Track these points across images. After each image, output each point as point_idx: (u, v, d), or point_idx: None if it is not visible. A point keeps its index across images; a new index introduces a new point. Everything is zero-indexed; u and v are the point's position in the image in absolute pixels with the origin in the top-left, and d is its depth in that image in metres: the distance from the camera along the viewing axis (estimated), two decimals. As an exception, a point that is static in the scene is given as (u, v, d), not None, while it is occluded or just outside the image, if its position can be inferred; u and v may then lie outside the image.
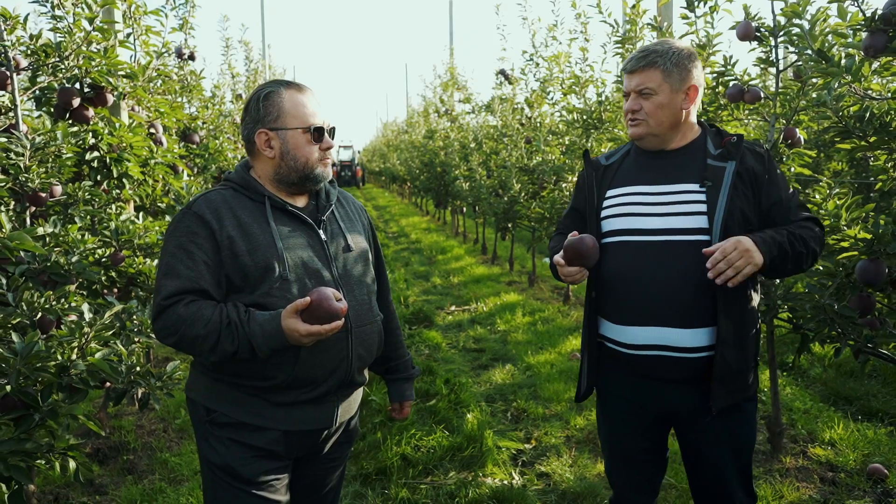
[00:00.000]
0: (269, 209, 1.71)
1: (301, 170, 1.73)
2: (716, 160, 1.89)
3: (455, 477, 3.25)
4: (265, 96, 1.73)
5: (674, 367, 1.87)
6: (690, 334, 1.83)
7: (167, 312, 1.59)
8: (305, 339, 1.55)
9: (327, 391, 1.73)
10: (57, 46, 3.11)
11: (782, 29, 3.07)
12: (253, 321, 1.57)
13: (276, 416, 1.69)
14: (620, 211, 1.95)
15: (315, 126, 1.74)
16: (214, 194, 1.71)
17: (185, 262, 1.62)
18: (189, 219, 1.65)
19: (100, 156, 3.37)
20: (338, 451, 1.89)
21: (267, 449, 1.70)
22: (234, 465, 1.67)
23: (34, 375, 1.99)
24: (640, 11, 4.38)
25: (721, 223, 1.81)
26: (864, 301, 2.43)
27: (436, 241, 12.12)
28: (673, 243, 1.85)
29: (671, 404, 1.94)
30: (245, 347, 1.57)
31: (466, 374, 4.88)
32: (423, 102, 15.74)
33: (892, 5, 2.22)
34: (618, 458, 2.10)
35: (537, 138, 7.22)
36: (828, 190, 3.04)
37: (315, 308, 1.54)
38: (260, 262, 1.64)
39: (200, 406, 1.73)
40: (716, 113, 3.41)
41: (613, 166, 2.04)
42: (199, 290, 1.62)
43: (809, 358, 4.80)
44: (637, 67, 1.92)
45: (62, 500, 3.07)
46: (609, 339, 1.99)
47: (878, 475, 3.13)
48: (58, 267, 2.63)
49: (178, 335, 1.58)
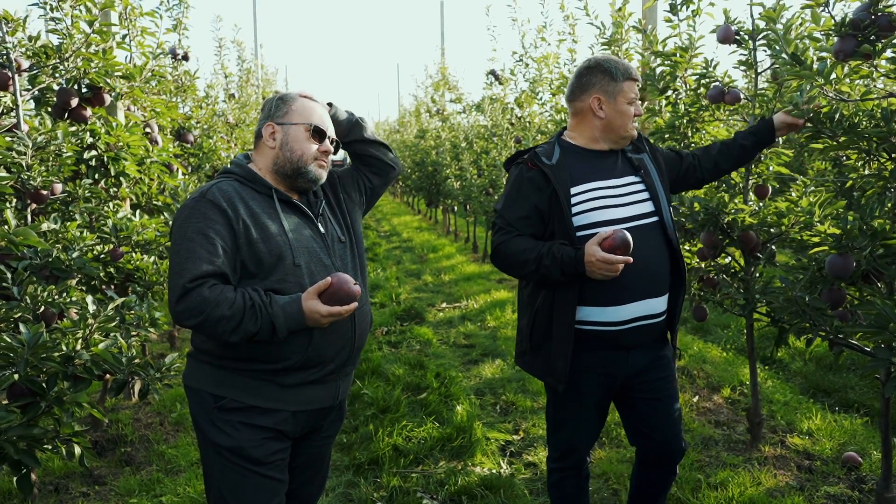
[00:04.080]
0: (277, 201, 1.82)
1: (296, 162, 1.84)
2: (633, 154, 2.25)
3: (445, 466, 3.35)
4: (282, 98, 1.90)
5: (645, 332, 2.16)
6: (660, 302, 2.17)
7: (192, 294, 1.64)
8: (325, 320, 1.66)
9: (332, 371, 1.85)
10: (57, 48, 3.19)
11: (760, 33, 3.19)
12: (275, 303, 1.66)
13: (285, 398, 1.79)
14: (591, 205, 2.11)
15: (316, 126, 1.86)
16: (225, 184, 1.79)
17: (205, 247, 1.68)
18: (204, 205, 1.72)
19: (97, 155, 3.45)
20: (332, 427, 2.02)
21: (276, 429, 1.80)
22: (246, 446, 1.76)
23: (41, 365, 2.07)
24: (626, 14, 4.48)
25: (665, 202, 2.18)
26: (835, 294, 2.54)
27: (427, 239, 12.21)
28: (639, 227, 2.12)
29: (634, 367, 2.20)
30: (266, 328, 1.65)
31: (457, 368, 4.98)
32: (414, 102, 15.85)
33: (861, 11, 2.34)
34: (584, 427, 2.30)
35: (527, 137, 7.33)
36: (803, 188, 3.16)
37: (336, 290, 1.66)
38: (274, 250, 1.73)
39: (206, 394, 1.80)
40: (697, 113, 3.53)
41: (561, 164, 2.16)
42: (221, 274, 1.69)
43: (790, 352, 4.92)
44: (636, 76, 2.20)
45: (62, 490, 3.15)
46: (591, 323, 2.14)
47: (853, 463, 3.25)
48: (59, 262, 2.72)
49: (204, 316, 1.63)
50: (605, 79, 2.16)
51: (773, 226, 3.07)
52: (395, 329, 6.05)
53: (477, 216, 9.43)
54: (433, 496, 3.05)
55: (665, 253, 2.16)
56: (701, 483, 3.09)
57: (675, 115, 3.61)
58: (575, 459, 2.35)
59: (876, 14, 2.29)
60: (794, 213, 2.91)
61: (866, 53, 2.32)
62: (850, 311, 2.65)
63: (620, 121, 2.16)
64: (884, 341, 2.13)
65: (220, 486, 1.81)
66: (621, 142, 2.22)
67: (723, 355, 4.99)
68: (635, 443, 2.36)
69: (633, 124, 2.19)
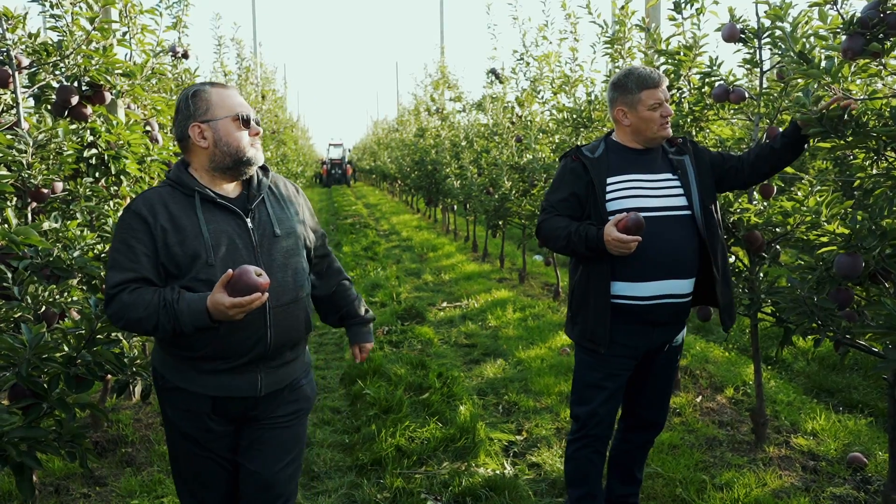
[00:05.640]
0: (199, 202, 1.88)
1: (234, 154, 1.90)
2: (675, 155, 2.51)
3: (448, 467, 3.33)
4: (193, 94, 1.91)
5: (671, 309, 2.44)
6: (684, 284, 2.43)
7: (114, 300, 1.79)
8: (231, 311, 1.69)
9: (248, 362, 1.90)
10: (58, 45, 3.16)
11: (766, 31, 3.17)
12: (182, 300, 1.75)
13: (203, 383, 1.90)
14: (625, 194, 2.42)
15: (242, 114, 1.91)
16: (151, 192, 1.90)
17: (126, 255, 1.81)
18: (128, 216, 1.85)
19: (98, 153, 3.42)
20: (283, 411, 2.04)
21: (198, 410, 1.93)
22: (179, 423, 1.95)
23: (42, 365, 2.05)
24: (629, 13, 4.46)
25: (697, 200, 2.44)
26: (843, 294, 2.53)
27: (427, 238, 12.19)
28: (669, 217, 2.41)
29: (659, 341, 2.51)
30: (176, 324, 1.75)
31: (458, 368, 4.96)
32: (413, 101, 15.78)
33: (870, 10, 2.32)
34: (610, 396, 2.54)
35: (528, 137, 7.31)
36: (809, 187, 3.14)
37: (237, 281, 1.69)
38: (188, 251, 1.82)
39: (157, 371, 1.99)
40: (702, 112, 3.51)
41: (602, 158, 2.49)
42: (142, 279, 1.81)
43: (793, 352, 4.91)
44: (662, 80, 2.44)
45: (62, 491, 3.13)
46: (622, 297, 2.43)
47: (858, 463, 3.24)
48: (60, 262, 2.69)
49: (125, 319, 1.78)
50: (623, 92, 2.46)
51: (778, 225, 3.05)
52: (396, 328, 6.03)
53: (477, 215, 9.41)
54: (437, 497, 3.03)
55: (693, 242, 2.43)
56: (706, 484, 3.08)
57: (680, 114, 3.59)
58: (595, 431, 2.56)
59: (884, 12, 2.28)
60: (801, 212, 2.89)
61: (875, 52, 2.31)
62: (856, 311, 2.64)
63: (645, 125, 2.45)
64: (893, 342, 2.12)
65: (172, 456, 2.04)
66: (653, 142, 2.49)
67: (725, 355, 4.97)
68: (624, 410, 2.72)
69: (663, 125, 2.44)
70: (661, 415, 2.71)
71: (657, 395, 2.66)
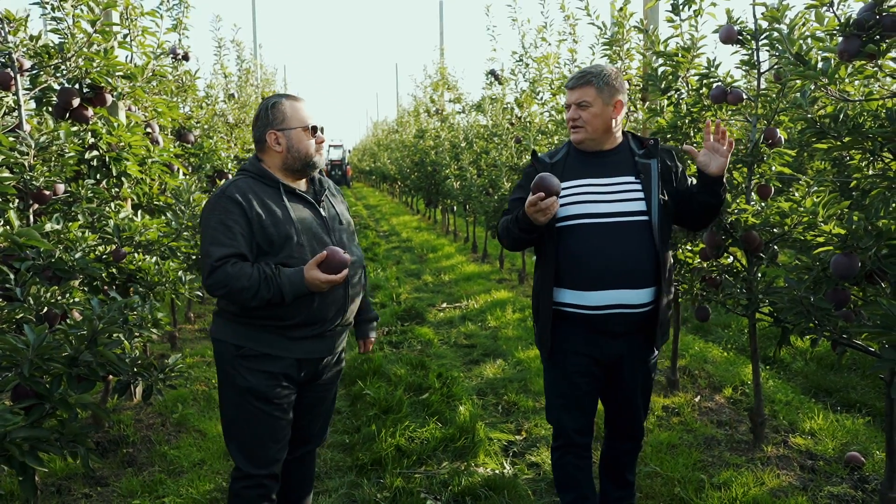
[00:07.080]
0: (284, 192, 2.22)
1: (303, 158, 2.27)
2: (642, 158, 2.44)
3: (448, 466, 3.34)
4: (272, 105, 2.26)
5: (625, 321, 2.38)
6: (639, 294, 2.35)
7: (217, 272, 2.08)
8: (324, 286, 2.08)
9: (330, 328, 2.28)
10: (59, 48, 3.17)
11: (763, 33, 3.19)
12: (282, 274, 2.09)
13: (291, 348, 2.23)
14: (575, 199, 2.40)
15: (311, 125, 2.28)
16: (241, 181, 2.20)
17: (225, 234, 2.10)
18: (224, 200, 2.14)
19: (99, 155, 3.43)
20: (331, 372, 2.44)
21: (284, 373, 2.23)
22: (258, 387, 2.20)
23: (45, 366, 2.07)
24: (627, 14, 4.48)
25: (657, 205, 2.36)
26: (839, 294, 2.54)
27: (427, 239, 12.21)
28: (622, 224, 2.35)
29: (617, 353, 2.45)
30: (277, 294, 2.08)
31: (458, 368, 4.98)
32: (413, 102, 15.81)
33: (866, 11, 2.34)
34: (572, 403, 2.54)
35: (527, 138, 7.33)
36: (806, 188, 3.16)
37: (330, 260, 2.08)
38: (282, 233, 2.15)
39: (229, 344, 2.23)
40: (699, 114, 3.52)
41: (559, 163, 2.50)
42: (239, 255, 2.11)
43: (791, 352, 4.92)
44: (576, 85, 2.43)
45: (64, 491, 3.14)
46: (568, 305, 2.43)
47: (856, 463, 3.25)
48: (62, 263, 2.71)
49: (228, 287, 2.07)
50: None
51: (775, 226, 3.07)
52: (395, 329, 6.05)
53: (476, 216, 9.42)
54: (437, 497, 3.05)
55: (650, 250, 2.35)
56: (704, 483, 3.09)
57: (678, 116, 3.61)
58: (566, 439, 2.57)
59: (880, 14, 2.30)
60: (798, 213, 2.90)
61: (871, 53, 2.32)
62: (853, 311, 2.65)
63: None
64: (890, 342, 2.13)
65: (235, 421, 2.26)
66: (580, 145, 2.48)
67: (724, 355, 4.99)
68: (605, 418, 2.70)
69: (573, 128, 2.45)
70: (635, 428, 2.61)
71: (626, 407, 2.57)
